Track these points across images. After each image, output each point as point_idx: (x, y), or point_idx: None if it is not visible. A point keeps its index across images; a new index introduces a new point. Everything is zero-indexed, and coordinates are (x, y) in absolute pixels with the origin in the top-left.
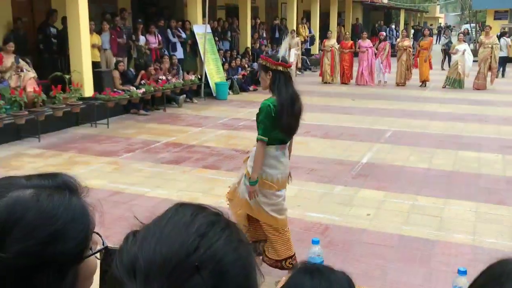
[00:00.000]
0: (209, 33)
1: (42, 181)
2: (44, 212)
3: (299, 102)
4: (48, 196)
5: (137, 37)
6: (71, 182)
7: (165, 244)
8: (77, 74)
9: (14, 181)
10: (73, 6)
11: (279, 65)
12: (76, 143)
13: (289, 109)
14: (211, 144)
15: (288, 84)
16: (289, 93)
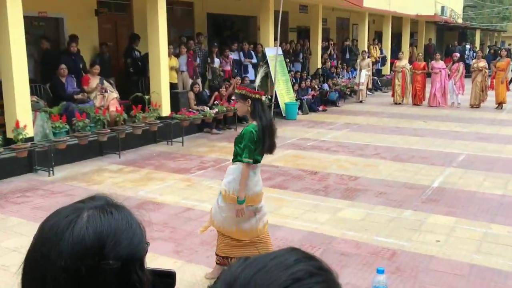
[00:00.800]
0: (280, 55)
1: (95, 202)
2: (117, 223)
3: (274, 125)
4: (111, 212)
5: (212, 59)
6: (113, 200)
7: (262, 276)
8: (156, 95)
9: (76, 206)
10: (154, 31)
11: (257, 93)
12: (153, 159)
13: (270, 132)
14: (279, 163)
15: (265, 110)
16: (268, 118)
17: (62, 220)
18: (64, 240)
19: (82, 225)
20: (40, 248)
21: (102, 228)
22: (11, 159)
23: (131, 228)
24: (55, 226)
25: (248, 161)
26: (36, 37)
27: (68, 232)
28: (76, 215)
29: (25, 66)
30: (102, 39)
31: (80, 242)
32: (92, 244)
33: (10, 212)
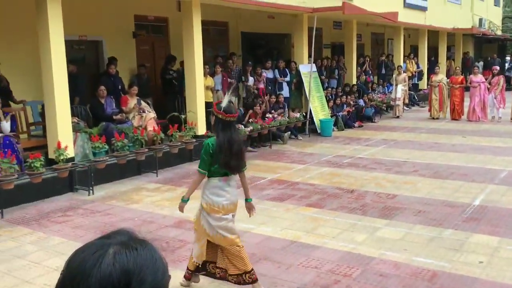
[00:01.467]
0: (314, 72)
1: (120, 237)
2: (142, 260)
3: (237, 144)
4: (136, 248)
5: (246, 77)
6: (137, 235)
7: None
8: (192, 114)
9: (102, 242)
10: (190, 52)
11: (219, 113)
12: (189, 178)
13: (226, 150)
14: (315, 181)
15: (226, 129)
16: (226, 137)
17: (89, 256)
18: (92, 276)
19: (109, 261)
20: (69, 284)
21: (128, 264)
22: (53, 179)
23: (155, 263)
24: (83, 263)
25: (199, 171)
26: (76, 60)
27: (96, 269)
28: (103, 251)
29: (66, 89)
30: (140, 61)
31: (107, 278)
32: (119, 281)
33: (52, 232)
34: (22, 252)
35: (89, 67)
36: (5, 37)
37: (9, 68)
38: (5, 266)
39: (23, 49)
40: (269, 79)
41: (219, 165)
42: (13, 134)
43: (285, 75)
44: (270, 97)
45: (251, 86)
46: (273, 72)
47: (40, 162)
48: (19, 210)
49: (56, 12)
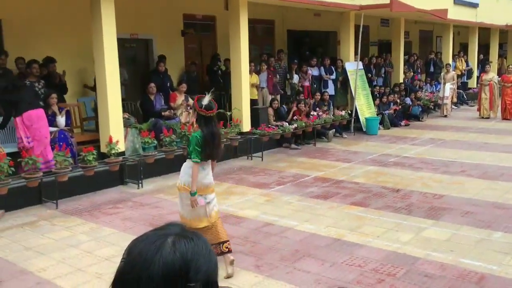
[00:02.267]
0: (361, 70)
1: (174, 229)
2: (199, 249)
3: (218, 137)
4: (192, 238)
5: (291, 75)
6: (186, 228)
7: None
8: (237, 111)
9: (160, 232)
10: (236, 50)
11: (201, 111)
12: (234, 174)
13: (210, 142)
14: (360, 180)
15: (208, 124)
16: (209, 131)
17: (150, 245)
18: (154, 264)
19: (170, 250)
20: (130, 271)
21: (187, 253)
22: (104, 172)
23: (209, 254)
24: (144, 251)
25: (196, 161)
26: (127, 58)
27: (158, 256)
28: (162, 240)
29: (118, 85)
30: (188, 59)
31: (169, 266)
32: (180, 268)
33: (103, 223)
34: (75, 241)
35: (139, 65)
36: (61, 36)
37: (64, 66)
38: (60, 254)
39: (77, 47)
40: (314, 77)
41: (205, 155)
42: (67, 129)
43: (330, 73)
44: (315, 94)
45: (296, 83)
46: (318, 69)
47: (93, 155)
48: (73, 201)
49: (109, 11)
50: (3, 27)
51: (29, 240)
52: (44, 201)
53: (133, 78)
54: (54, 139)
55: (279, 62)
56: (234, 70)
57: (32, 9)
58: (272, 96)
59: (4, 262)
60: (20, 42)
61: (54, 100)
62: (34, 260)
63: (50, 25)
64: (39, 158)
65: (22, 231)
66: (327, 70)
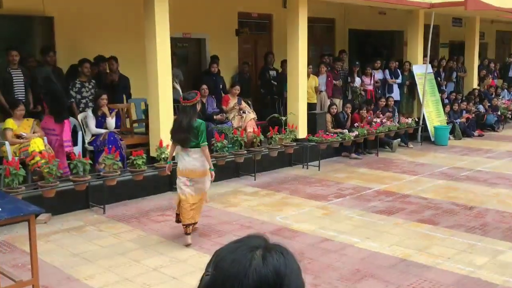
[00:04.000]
0: (430, 73)
1: (258, 241)
2: (290, 264)
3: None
4: (282, 253)
5: (352, 78)
6: (268, 240)
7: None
8: (293, 116)
9: (248, 244)
10: (293, 50)
11: (181, 101)
12: (288, 183)
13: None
14: (428, 195)
15: (182, 112)
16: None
17: (241, 258)
18: (248, 277)
19: (261, 263)
20: (222, 284)
21: (280, 267)
22: (153, 177)
23: (298, 269)
24: (235, 264)
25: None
26: (180, 58)
27: (251, 270)
28: (252, 254)
29: (170, 87)
30: (242, 59)
31: (264, 279)
32: (274, 282)
33: (151, 230)
34: (122, 249)
35: (191, 65)
36: (114, 36)
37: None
38: (107, 262)
39: (129, 47)
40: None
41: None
42: (117, 131)
43: (396, 76)
44: (379, 100)
45: (358, 87)
46: (383, 72)
47: (142, 159)
48: (120, 206)
49: (163, 10)
50: (55, 25)
51: (76, 246)
52: (92, 205)
53: (185, 79)
54: (103, 142)
55: (341, 64)
56: (291, 71)
57: (84, 7)
58: (332, 99)
59: (51, 268)
60: (71, 41)
61: (105, 101)
62: (81, 267)
63: (102, 24)
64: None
65: (69, 236)
66: (393, 73)
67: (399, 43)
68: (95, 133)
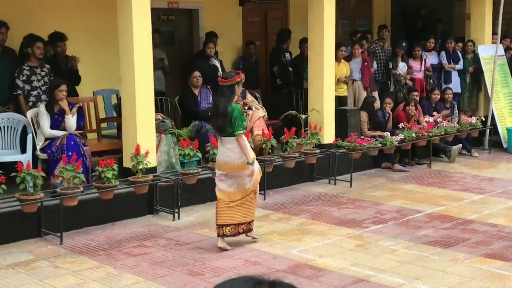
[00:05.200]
0: (502, 57)
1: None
2: None
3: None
4: None
5: (395, 63)
6: None
7: None
8: (316, 114)
9: (250, 278)
10: (317, 26)
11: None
12: (309, 204)
13: None
14: (499, 221)
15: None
16: None
17: None
18: None
19: None
20: None
21: None
22: (128, 196)
23: None
24: None
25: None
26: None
27: None
28: None
29: (150, 74)
30: (248, 37)
31: None
32: None
33: (125, 267)
34: None
35: (180, 46)
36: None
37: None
38: None
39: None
40: (432, 66)
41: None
42: (79, 133)
43: (455, 61)
44: (433, 92)
45: (403, 75)
46: (437, 55)
47: (113, 172)
48: (83, 235)
49: None
50: None
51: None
52: (45, 233)
53: (171, 63)
54: (61, 147)
55: (381, 44)
56: (314, 55)
57: None
58: (369, 92)
59: None
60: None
61: (64, 94)
62: None
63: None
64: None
65: (13, 274)
66: (451, 56)
67: (460, 16)
68: (50, 136)
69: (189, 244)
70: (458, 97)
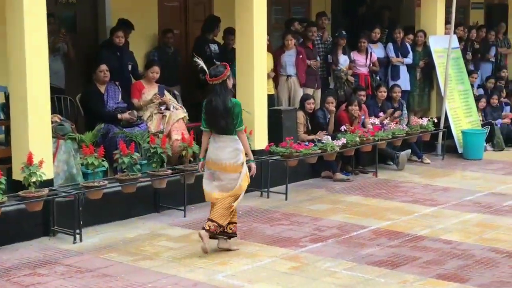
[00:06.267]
0: (456, 49)
1: None
2: None
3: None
4: None
5: (335, 56)
6: None
7: None
8: (246, 116)
9: None
10: (246, 13)
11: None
12: (238, 221)
13: (208, 112)
14: (454, 236)
15: (210, 93)
16: (208, 99)
17: None
18: None
19: None
20: None
21: None
22: (18, 214)
23: None
24: None
25: (202, 129)
26: (64, 22)
27: None
28: None
29: (45, 67)
30: (164, 25)
31: None
32: None
33: None
34: None
35: (82, 35)
36: None
37: None
38: None
39: None
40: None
41: (207, 125)
42: None
43: (404, 54)
44: (378, 89)
45: (345, 70)
46: (383, 47)
47: (0, 185)
48: None
49: None
50: None
51: None
52: None
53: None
54: None
55: (319, 34)
56: (242, 47)
57: None
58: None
59: None
60: None
61: None
62: None
63: None
64: None
65: None
66: (399, 49)
67: (409, 2)
68: None
69: (93, 271)
70: (407, 96)
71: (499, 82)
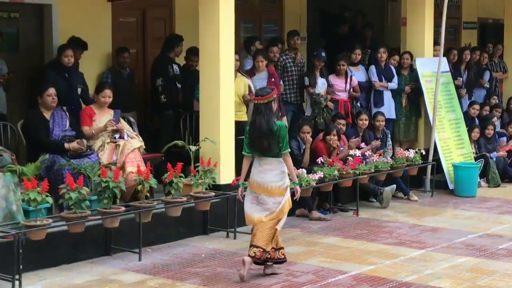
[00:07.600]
0: (446, 73)
1: None
2: None
3: (258, 128)
4: None
5: (313, 79)
6: None
7: None
8: (210, 146)
9: None
10: (210, 31)
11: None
12: (201, 265)
13: (250, 133)
14: (444, 283)
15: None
16: (252, 120)
17: None
18: None
19: None
20: None
21: None
22: None
23: None
24: None
25: (243, 154)
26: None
27: None
28: None
29: None
30: (119, 43)
31: None
32: None
33: None
34: None
35: (27, 53)
36: None
37: None
38: None
39: None
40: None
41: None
42: None
43: (388, 78)
44: (359, 117)
45: (323, 95)
46: (365, 70)
47: None
48: None
49: None
50: None
51: None
52: None
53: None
54: None
55: (292, 55)
56: (207, 68)
57: None
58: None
59: None
60: None
61: None
62: None
63: None
64: None
65: None
66: (382, 72)
67: (394, 21)
68: None
69: None
70: (391, 125)
71: (496, 110)
